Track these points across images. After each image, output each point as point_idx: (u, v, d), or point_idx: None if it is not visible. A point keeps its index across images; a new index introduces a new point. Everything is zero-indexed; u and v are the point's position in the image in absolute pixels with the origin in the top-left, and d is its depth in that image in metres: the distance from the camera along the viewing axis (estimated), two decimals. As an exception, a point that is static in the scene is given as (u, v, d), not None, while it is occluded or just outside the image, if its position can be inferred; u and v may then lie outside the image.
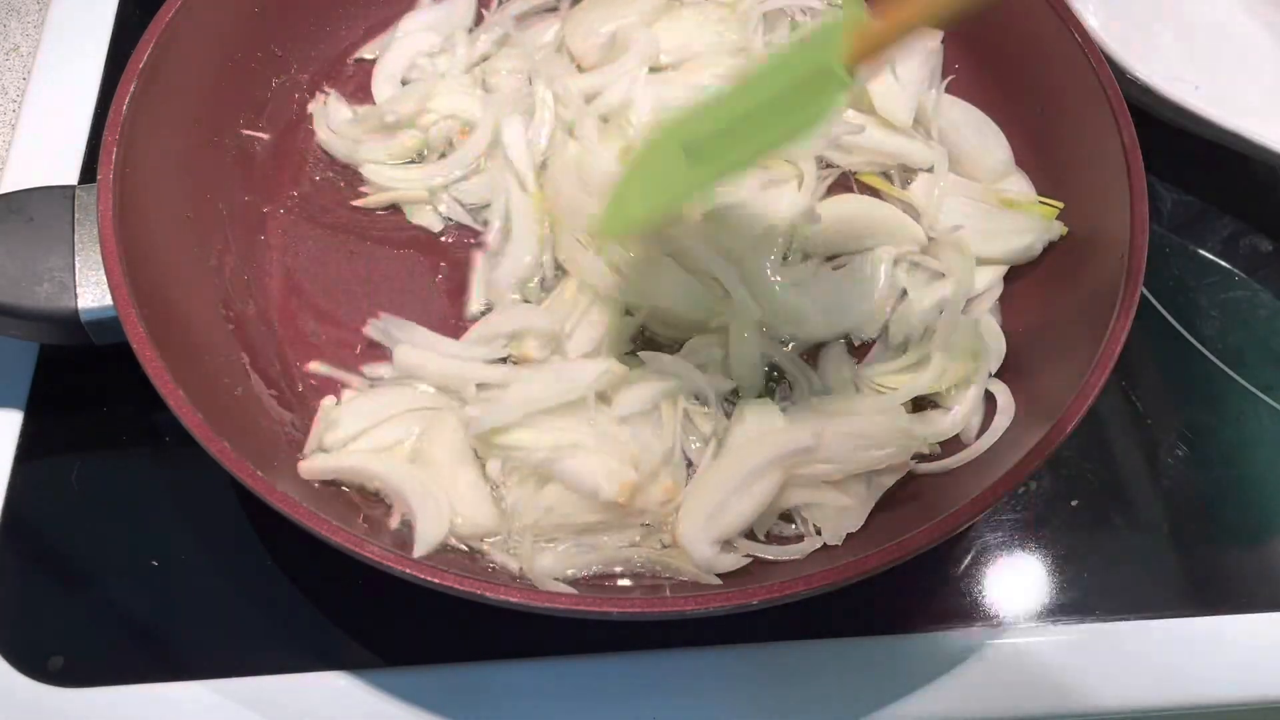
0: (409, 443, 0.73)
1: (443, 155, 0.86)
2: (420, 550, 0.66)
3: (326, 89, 0.90)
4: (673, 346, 0.77)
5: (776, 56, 0.68)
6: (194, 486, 0.76)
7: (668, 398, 0.73)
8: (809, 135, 0.61)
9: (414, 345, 0.76)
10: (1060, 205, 0.80)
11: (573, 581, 0.68)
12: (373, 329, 0.77)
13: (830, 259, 0.81)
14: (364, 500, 0.70)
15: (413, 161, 0.86)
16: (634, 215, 0.70)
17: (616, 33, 0.90)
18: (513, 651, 0.70)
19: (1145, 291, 0.88)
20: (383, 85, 0.91)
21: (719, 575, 0.67)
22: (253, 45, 0.87)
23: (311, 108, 0.89)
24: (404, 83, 0.91)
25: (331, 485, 0.70)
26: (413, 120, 0.87)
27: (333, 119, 0.88)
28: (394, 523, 0.69)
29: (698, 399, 0.74)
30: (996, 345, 0.77)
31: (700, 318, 0.76)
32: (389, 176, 0.85)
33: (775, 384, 0.77)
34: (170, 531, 0.75)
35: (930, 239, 0.82)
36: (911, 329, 0.77)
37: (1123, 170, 0.74)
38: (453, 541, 0.69)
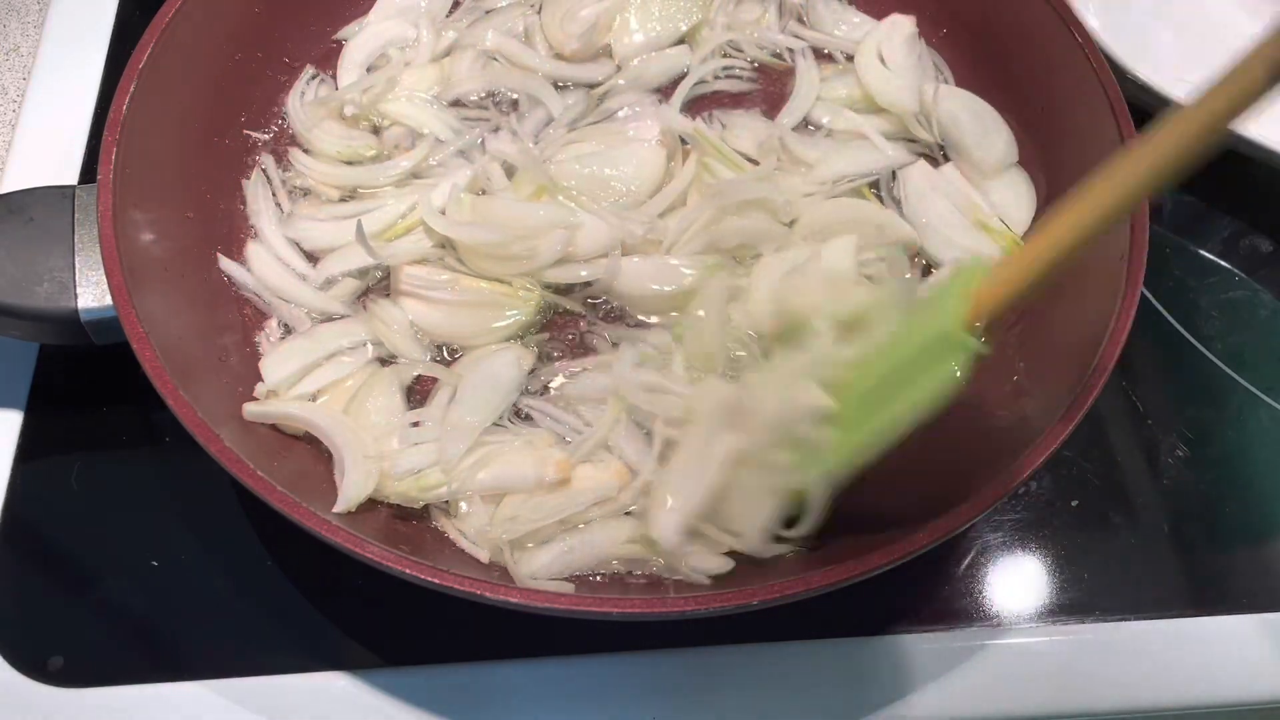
0: (344, 388, 0.74)
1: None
2: (341, 505, 0.67)
3: (324, 75, 0.91)
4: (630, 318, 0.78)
5: (897, 326, 0.64)
6: (194, 486, 0.76)
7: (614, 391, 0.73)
8: (935, 402, 0.59)
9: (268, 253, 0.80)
10: None
11: (569, 580, 0.68)
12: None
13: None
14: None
15: (351, 163, 0.86)
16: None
17: (598, 18, 0.90)
18: (513, 651, 0.70)
19: (1145, 291, 0.88)
20: (347, 71, 0.90)
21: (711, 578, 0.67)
22: (253, 45, 0.87)
23: (298, 81, 0.89)
24: (370, 70, 0.91)
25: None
26: (369, 114, 0.87)
27: (307, 94, 0.89)
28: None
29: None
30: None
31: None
32: (322, 172, 0.84)
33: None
34: (170, 531, 0.75)
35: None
36: None
37: (1123, 170, 0.74)
38: (389, 499, 0.69)
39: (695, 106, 0.90)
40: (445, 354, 0.77)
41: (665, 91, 0.90)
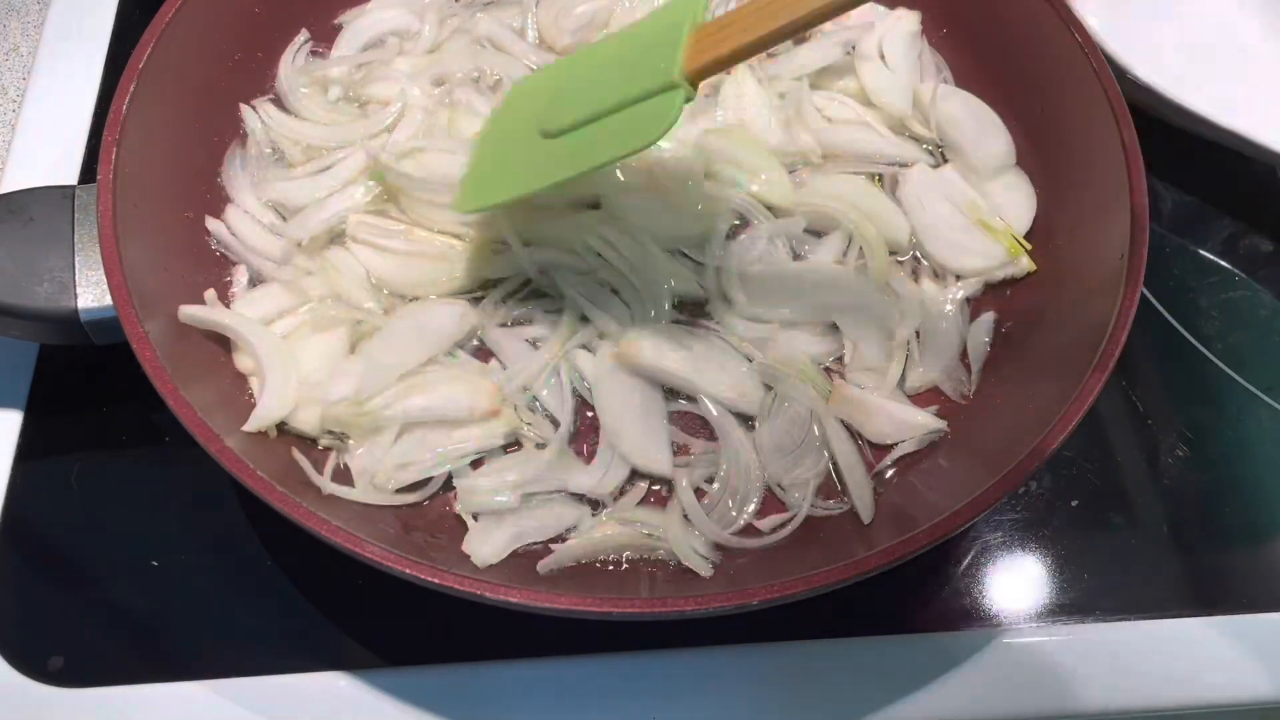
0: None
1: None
2: (251, 425, 0.69)
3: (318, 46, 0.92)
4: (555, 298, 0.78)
5: (618, 47, 0.70)
6: (194, 486, 0.76)
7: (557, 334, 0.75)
8: (651, 144, 0.64)
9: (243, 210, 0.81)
10: (1029, 247, 0.81)
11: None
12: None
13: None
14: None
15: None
16: (491, 193, 0.72)
17: (594, 15, 0.90)
18: (513, 651, 0.70)
19: (1145, 291, 0.88)
20: (343, 50, 0.91)
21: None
22: (253, 45, 0.87)
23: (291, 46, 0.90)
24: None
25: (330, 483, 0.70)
26: (355, 95, 0.87)
27: (297, 60, 0.89)
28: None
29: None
30: None
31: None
32: (294, 128, 0.85)
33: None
34: (170, 531, 0.75)
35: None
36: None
37: (1123, 170, 0.74)
38: (324, 424, 0.71)
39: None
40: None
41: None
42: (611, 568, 0.69)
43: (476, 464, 0.72)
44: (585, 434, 0.74)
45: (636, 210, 0.79)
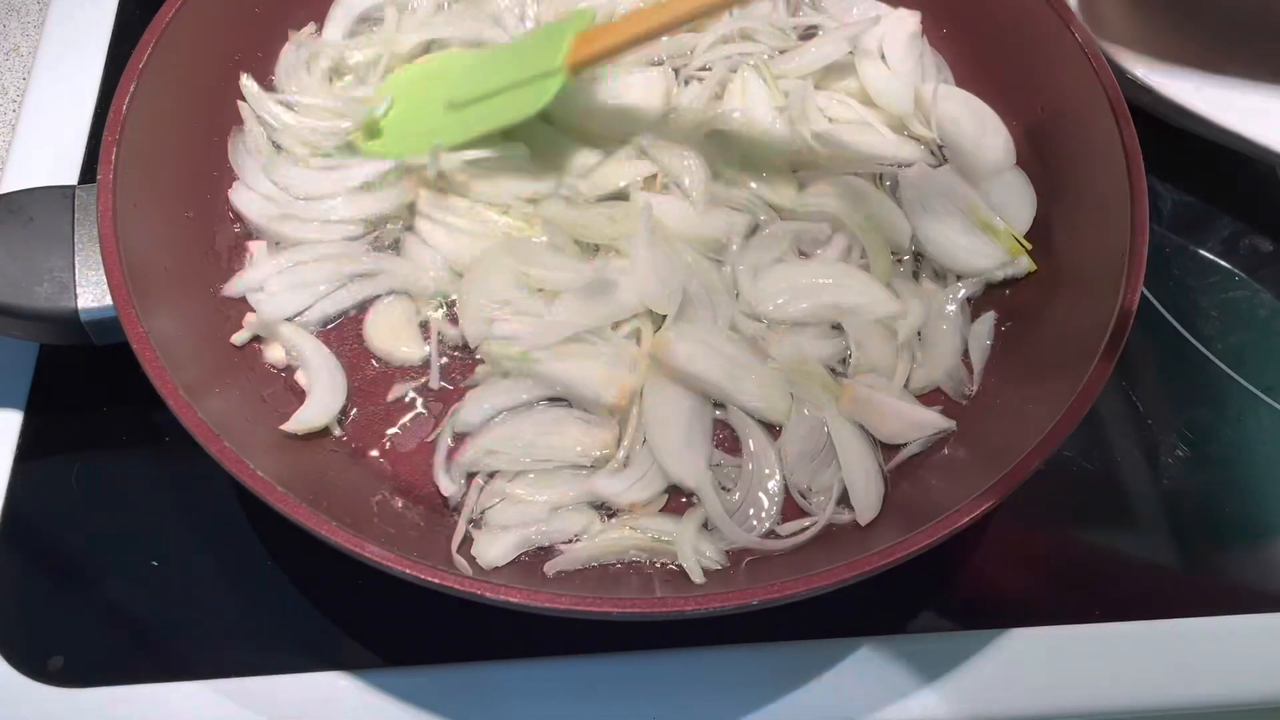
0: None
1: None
2: (291, 425, 0.70)
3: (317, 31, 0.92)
4: None
5: (516, 47, 0.85)
6: (194, 486, 0.76)
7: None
8: (531, 113, 0.77)
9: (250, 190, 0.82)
10: (1029, 247, 0.81)
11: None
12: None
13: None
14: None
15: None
16: (402, 145, 0.82)
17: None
18: (513, 651, 0.70)
19: (1145, 291, 0.88)
20: (336, 23, 0.91)
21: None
22: (253, 45, 0.87)
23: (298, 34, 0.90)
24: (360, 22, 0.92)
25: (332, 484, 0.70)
26: (342, 70, 0.88)
27: (300, 52, 0.89)
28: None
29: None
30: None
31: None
32: (279, 119, 0.85)
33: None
34: (170, 531, 0.75)
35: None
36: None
37: (1123, 170, 0.74)
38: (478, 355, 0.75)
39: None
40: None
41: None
42: (612, 568, 0.69)
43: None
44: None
45: (663, 212, 0.79)
